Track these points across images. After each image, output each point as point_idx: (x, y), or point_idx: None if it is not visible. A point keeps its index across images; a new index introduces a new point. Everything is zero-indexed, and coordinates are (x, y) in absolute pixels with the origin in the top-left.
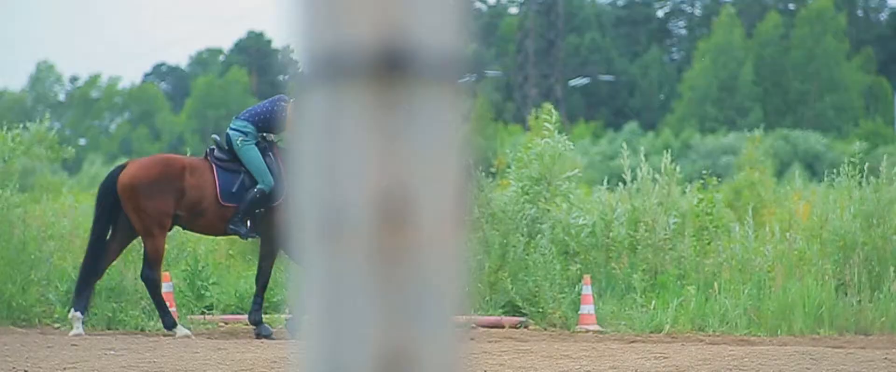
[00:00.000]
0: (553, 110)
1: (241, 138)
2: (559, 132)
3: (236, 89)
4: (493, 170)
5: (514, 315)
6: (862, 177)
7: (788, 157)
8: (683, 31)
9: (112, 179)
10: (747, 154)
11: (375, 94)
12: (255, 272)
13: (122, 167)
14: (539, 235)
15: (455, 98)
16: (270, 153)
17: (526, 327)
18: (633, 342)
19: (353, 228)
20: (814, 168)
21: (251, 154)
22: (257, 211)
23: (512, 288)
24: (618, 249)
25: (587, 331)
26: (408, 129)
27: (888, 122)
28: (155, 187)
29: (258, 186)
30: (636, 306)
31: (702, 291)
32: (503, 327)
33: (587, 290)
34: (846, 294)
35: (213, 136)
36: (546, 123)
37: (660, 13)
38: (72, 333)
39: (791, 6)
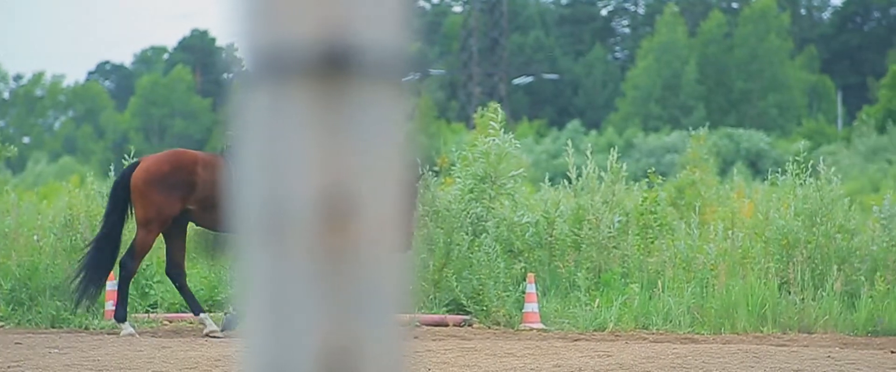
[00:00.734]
0: (499, 109)
1: None
2: (504, 131)
3: (180, 88)
4: (436, 168)
5: (458, 313)
6: (805, 175)
7: (731, 156)
8: (627, 30)
9: (126, 176)
10: (691, 153)
11: (318, 93)
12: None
13: (137, 164)
14: (483, 234)
15: (398, 96)
16: None
17: (470, 325)
18: (576, 340)
19: (296, 226)
20: (757, 166)
21: None
22: None
23: (456, 286)
24: (562, 248)
25: (531, 329)
26: (351, 127)
27: (831, 120)
28: (166, 183)
29: None
30: (580, 304)
31: (645, 290)
32: (447, 325)
33: (531, 288)
34: (789, 292)
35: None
36: (492, 122)
37: (603, 12)
38: (207, 330)
39: (734, 5)
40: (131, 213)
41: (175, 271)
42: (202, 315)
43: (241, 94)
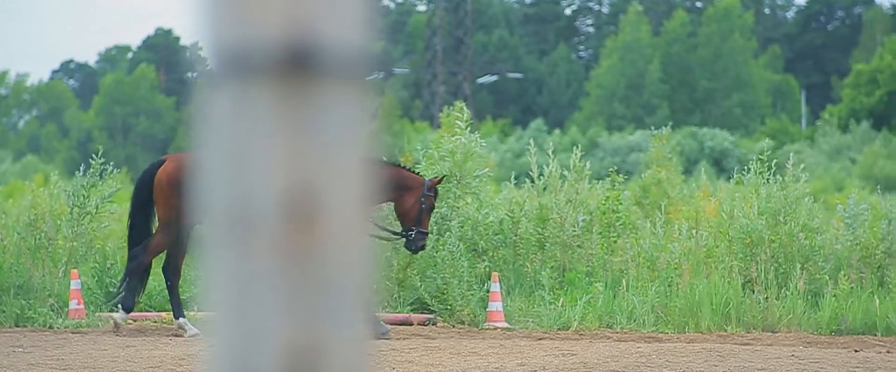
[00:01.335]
0: (464, 108)
1: None
2: (470, 130)
3: (144, 86)
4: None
5: (422, 312)
6: (769, 174)
7: (695, 155)
8: (591, 29)
9: (150, 174)
10: (654, 152)
11: (283, 92)
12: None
13: (161, 162)
14: (448, 233)
15: (362, 95)
16: None
17: (434, 324)
18: (541, 339)
19: (261, 224)
20: (721, 165)
21: None
22: None
23: (420, 285)
24: (526, 247)
25: (495, 328)
26: (315, 126)
27: (795, 119)
28: (189, 185)
29: None
30: (544, 303)
31: (610, 289)
32: (412, 324)
33: (495, 287)
34: (753, 291)
35: None
36: (458, 121)
37: (567, 11)
38: (188, 335)
39: (698, 4)
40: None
41: (171, 271)
42: (181, 320)
43: (206, 93)
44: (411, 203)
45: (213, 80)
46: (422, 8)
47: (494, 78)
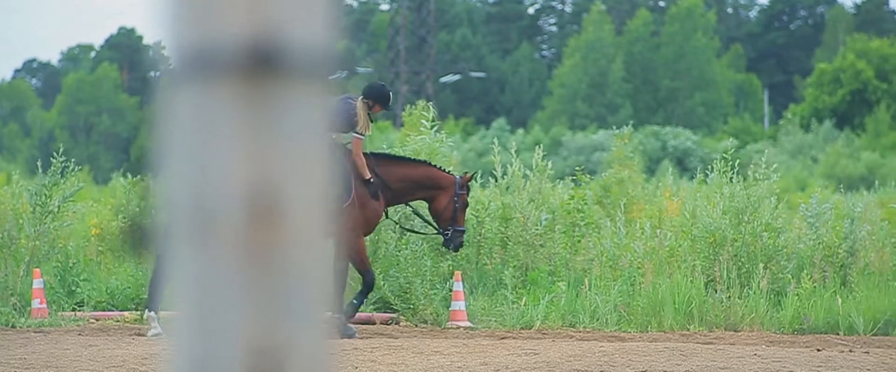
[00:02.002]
0: (429, 107)
1: None
2: (434, 129)
3: (107, 85)
4: None
5: (385, 311)
6: (733, 173)
7: (658, 154)
8: (554, 28)
9: None
10: (617, 151)
11: (245, 91)
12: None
13: None
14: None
15: (325, 94)
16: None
17: (397, 323)
18: (503, 338)
19: (223, 224)
20: (684, 165)
21: None
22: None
23: (383, 284)
24: (489, 246)
25: (458, 327)
26: (277, 125)
27: (757, 119)
28: None
29: None
30: (507, 302)
31: (572, 288)
32: (374, 323)
33: (458, 286)
34: (716, 290)
35: None
36: (423, 120)
37: (530, 10)
38: (150, 333)
39: (661, 3)
40: None
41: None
42: (150, 314)
43: (168, 92)
44: (445, 202)
45: (175, 79)
46: (385, 7)
47: (457, 77)
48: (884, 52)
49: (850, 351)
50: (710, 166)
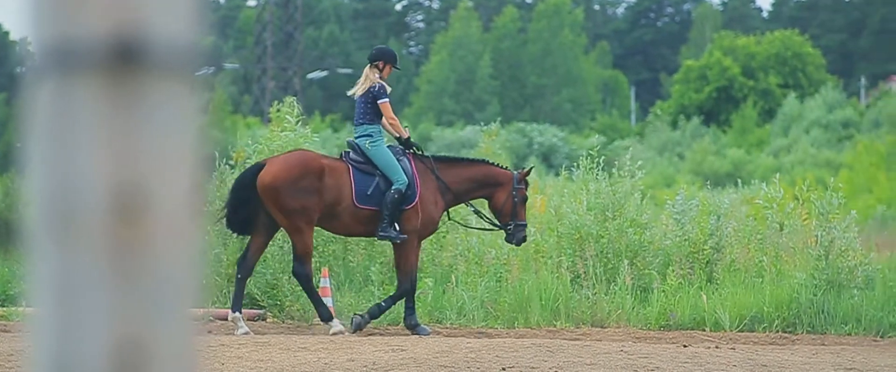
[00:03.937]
0: (295, 103)
1: (368, 141)
2: (300, 125)
3: None
4: (231, 163)
5: (252, 308)
6: (599, 170)
7: (524, 151)
8: (421, 25)
9: (251, 175)
10: (484, 148)
11: (109, 87)
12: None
13: (262, 165)
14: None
15: (191, 90)
16: (404, 155)
17: (264, 320)
18: (370, 335)
19: (86, 220)
20: (550, 161)
21: (382, 152)
22: (402, 210)
23: (250, 281)
24: (355, 242)
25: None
26: (142, 121)
27: (624, 115)
28: (297, 186)
29: (394, 187)
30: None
31: (439, 284)
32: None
33: (325, 282)
34: (582, 287)
35: (348, 140)
36: (288, 116)
37: (398, 7)
38: (239, 332)
39: (528, 0)
40: (260, 214)
41: (244, 266)
42: (236, 315)
43: (32, 88)
44: (504, 198)
45: (38, 74)
46: (252, 3)
47: (324, 73)
48: (750, 50)
49: (717, 347)
50: (575, 163)
